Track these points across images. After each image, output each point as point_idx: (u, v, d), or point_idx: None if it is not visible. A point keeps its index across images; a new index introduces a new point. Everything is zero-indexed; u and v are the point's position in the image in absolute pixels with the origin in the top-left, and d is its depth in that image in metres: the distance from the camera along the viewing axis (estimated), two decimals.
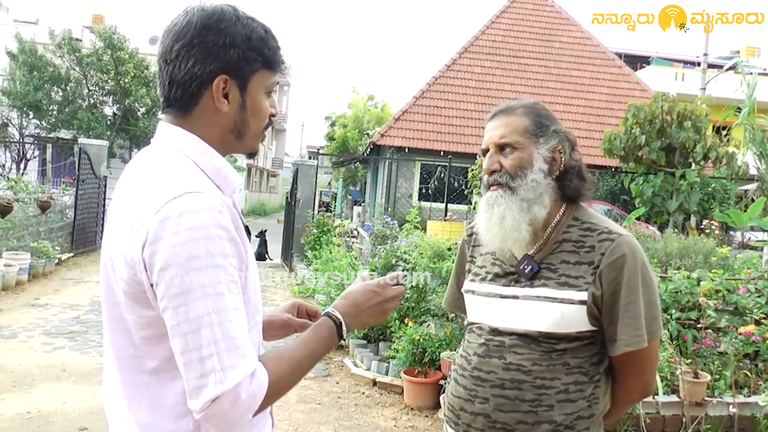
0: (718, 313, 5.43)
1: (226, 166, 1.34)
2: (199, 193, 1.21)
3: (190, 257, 1.16)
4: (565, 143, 1.83)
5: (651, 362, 1.81)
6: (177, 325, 1.17)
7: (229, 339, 1.16)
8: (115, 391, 1.34)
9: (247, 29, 1.32)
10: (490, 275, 1.89)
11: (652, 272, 1.78)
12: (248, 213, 38.31)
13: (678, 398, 4.89)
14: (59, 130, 23.64)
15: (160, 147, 1.33)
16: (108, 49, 23.32)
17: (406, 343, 5.62)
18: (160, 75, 1.34)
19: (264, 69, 1.35)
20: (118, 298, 1.27)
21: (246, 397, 1.16)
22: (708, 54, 22.47)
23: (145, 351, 1.26)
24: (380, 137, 18.92)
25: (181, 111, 1.33)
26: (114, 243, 1.28)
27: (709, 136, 12.60)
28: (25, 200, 11.73)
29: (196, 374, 1.15)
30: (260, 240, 15.49)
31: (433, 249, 6.64)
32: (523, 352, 1.75)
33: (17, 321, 7.65)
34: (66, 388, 5.51)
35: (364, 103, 37.57)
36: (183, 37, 1.29)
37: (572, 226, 1.81)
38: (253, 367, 1.19)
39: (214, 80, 1.29)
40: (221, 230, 1.20)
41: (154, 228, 1.17)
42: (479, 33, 21.87)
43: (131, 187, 1.30)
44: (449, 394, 1.91)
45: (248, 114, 1.35)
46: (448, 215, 13.23)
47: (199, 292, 1.15)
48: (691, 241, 8.15)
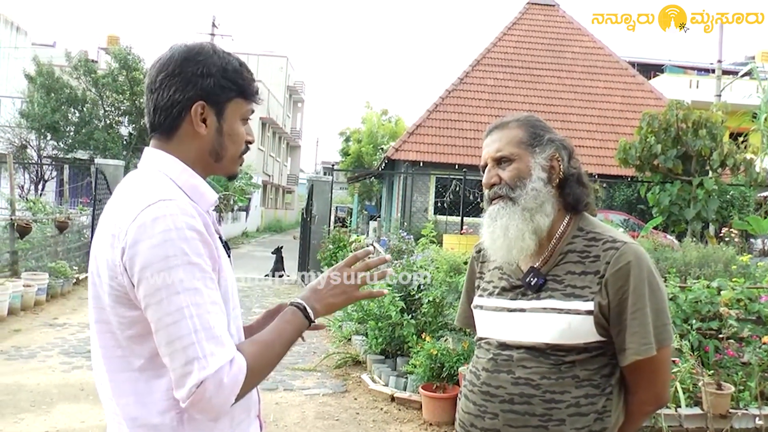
0: (740, 323, 5.35)
1: (203, 184, 1.48)
2: (171, 200, 1.33)
3: (167, 256, 1.27)
4: (561, 151, 1.85)
5: (662, 372, 1.78)
6: (159, 319, 1.28)
7: (208, 329, 1.27)
8: (104, 388, 1.44)
9: (222, 61, 1.48)
10: (497, 289, 1.88)
11: (659, 279, 1.76)
12: (264, 230, 38.41)
13: (701, 410, 4.81)
14: (76, 150, 23.83)
15: (144, 168, 1.48)
16: (123, 70, 23.53)
17: (424, 358, 5.58)
18: (147, 103, 1.49)
19: (238, 97, 1.50)
20: (104, 301, 1.38)
21: (228, 381, 1.26)
22: (722, 60, 22.34)
23: (130, 350, 1.37)
24: (395, 151, 18.93)
25: (164, 135, 1.48)
26: (98, 252, 1.40)
27: (726, 143, 12.49)
28: (43, 221, 11.84)
29: (181, 362, 1.26)
30: (276, 256, 15.49)
31: (449, 263, 6.60)
32: (531, 366, 1.74)
33: (36, 341, 7.69)
34: (84, 407, 5.51)
35: (378, 118, 37.65)
36: (166, 69, 1.46)
37: (577, 237, 1.81)
38: (232, 354, 1.29)
39: (193, 106, 1.44)
40: (193, 232, 1.32)
41: (132, 233, 1.30)
42: (491, 45, 21.88)
43: (115, 202, 1.42)
44: (460, 410, 1.91)
45: (225, 138, 1.49)
46: (464, 228, 13.18)
47: (177, 286, 1.27)
48: (711, 249, 8.04)
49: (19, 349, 7.30)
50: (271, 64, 45.36)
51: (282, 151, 49.35)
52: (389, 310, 6.47)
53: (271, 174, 43.03)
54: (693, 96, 23.22)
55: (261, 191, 37.55)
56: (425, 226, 8.93)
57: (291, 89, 51.69)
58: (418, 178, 18.60)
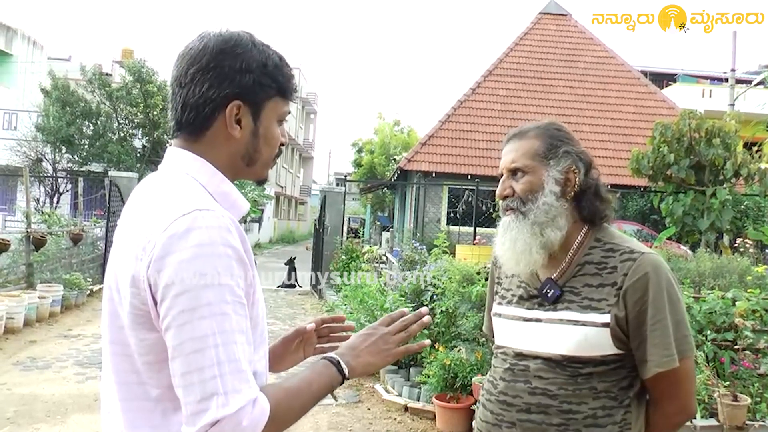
0: (756, 334, 5.30)
1: (235, 191, 1.33)
2: (208, 210, 1.19)
3: (197, 273, 1.13)
4: (578, 163, 1.82)
5: (686, 384, 1.74)
6: (180, 345, 1.12)
7: (234, 362, 1.12)
8: (114, 418, 1.28)
9: (262, 56, 1.32)
10: (515, 298, 1.88)
11: (678, 290, 1.74)
12: (277, 241, 38.47)
13: (717, 422, 4.77)
14: (90, 163, 24.05)
15: (169, 171, 1.32)
16: (137, 83, 23.77)
17: (437, 368, 5.57)
18: (173, 99, 1.33)
19: (278, 96, 1.35)
20: (123, 320, 1.23)
21: (247, 424, 1.11)
22: (735, 69, 22.25)
23: (147, 377, 1.22)
24: (407, 162, 18.96)
25: (192, 135, 1.32)
26: (120, 265, 1.25)
27: (740, 152, 12.40)
28: (58, 233, 11.93)
29: (196, 398, 1.11)
30: (289, 267, 15.51)
31: (462, 273, 6.60)
32: (548, 377, 1.73)
33: (51, 352, 7.74)
34: (98, 418, 5.48)
35: (390, 129, 37.71)
36: (198, 61, 1.29)
37: (594, 248, 1.79)
38: (256, 394, 1.14)
39: (228, 105, 1.29)
40: (229, 249, 1.17)
41: (161, 244, 1.15)
42: (503, 55, 21.89)
43: (138, 210, 1.28)
44: (477, 419, 1.91)
45: (260, 141, 1.34)
46: (477, 239, 13.15)
47: (204, 310, 1.12)
48: (725, 260, 7.98)
49: (34, 360, 7.35)
50: None
51: (295, 163, 49.51)
52: None
53: (283, 185, 43.15)
54: (706, 105, 23.14)
55: (274, 202, 37.67)
56: (438, 236, 8.91)
57: (303, 101, 51.85)
58: (430, 189, 18.60)
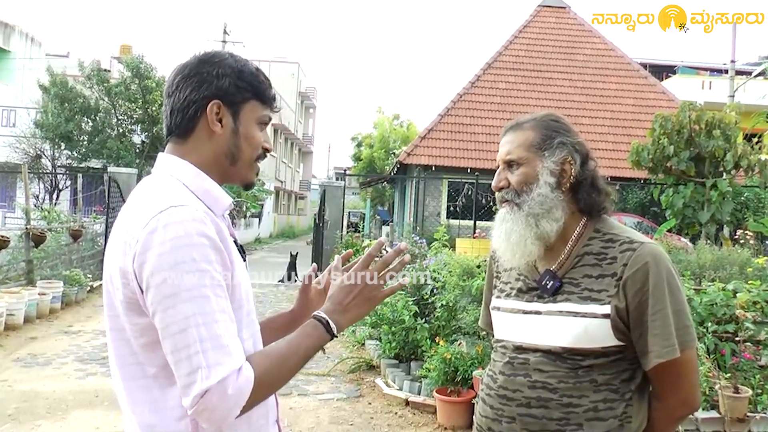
0: (757, 326, 5.30)
1: (216, 188, 1.47)
2: (182, 206, 1.33)
3: (176, 263, 1.26)
4: (574, 154, 1.81)
5: (689, 375, 1.72)
6: (166, 327, 1.27)
7: (215, 338, 1.26)
8: (121, 396, 1.44)
9: (239, 64, 1.49)
10: (514, 291, 1.87)
11: (679, 280, 1.73)
12: (277, 236, 38.48)
13: (718, 414, 4.77)
14: (89, 159, 23.99)
15: (157, 174, 1.48)
16: (135, 79, 23.69)
17: (438, 362, 5.57)
18: (165, 108, 1.50)
19: (254, 100, 1.50)
20: (117, 309, 1.37)
21: (233, 392, 1.24)
22: (735, 61, 22.20)
23: (144, 358, 1.36)
24: (406, 156, 18.93)
25: (180, 137, 1.48)
26: (112, 259, 1.39)
27: (740, 144, 12.36)
28: (58, 230, 11.92)
29: (185, 371, 1.25)
30: (290, 262, 15.51)
31: (462, 267, 6.59)
32: (548, 370, 1.72)
33: (51, 348, 7.74)
34: (99, 413, 5.54)
35: (389, 123, 37.69)
36: (182, 72, 1.48)
37: (594, 239, 1.79)
38: (239, 364, 1.27)
39: (208, 105, 1.44)
40: (204, 238, 1.31)
41: (143, 240, 1.29)
42: (502, 48, 21.83)
43: (128, 209, 1.43)
44: (477, 414, 1.90)
45: (241, 140, 1.49)
46: (477, 232, 13.14)
47: (185, 294, 1.26)
48: (725, 252, 7.98)
49: (35, 356, 7.35)
50: (282, 71, 45.50)
51: (294, 157, 49.50)
52: (402, 315, 6.46)
53: (283, 180, 43.16)
54: (706, 97, 23.06)
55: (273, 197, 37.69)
56: (438, 230, 8.89)
57: (303, 95, 51.88)
58: (430, 183, 18.59)
